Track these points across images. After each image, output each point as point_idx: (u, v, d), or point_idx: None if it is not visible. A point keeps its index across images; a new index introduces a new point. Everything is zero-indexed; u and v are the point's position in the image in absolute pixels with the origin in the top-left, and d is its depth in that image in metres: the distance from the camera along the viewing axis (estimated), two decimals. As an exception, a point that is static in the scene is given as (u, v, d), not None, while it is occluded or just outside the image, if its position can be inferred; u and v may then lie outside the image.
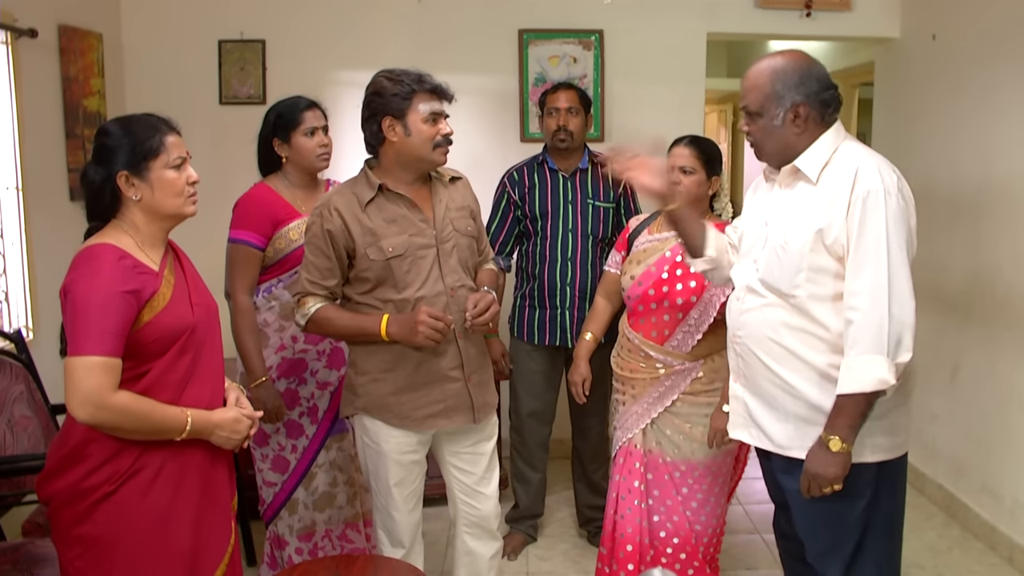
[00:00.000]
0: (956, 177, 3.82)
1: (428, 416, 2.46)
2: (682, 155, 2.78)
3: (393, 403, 2.44)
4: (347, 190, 2.45)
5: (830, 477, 2.04)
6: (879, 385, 1.98)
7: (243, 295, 2.75)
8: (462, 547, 2.66)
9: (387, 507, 2.52)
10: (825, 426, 2.06)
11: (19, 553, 2.41)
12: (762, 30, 4.49)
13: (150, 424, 1.88)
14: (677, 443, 2.79)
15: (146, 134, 1.93)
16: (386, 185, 2.41)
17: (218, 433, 2.00)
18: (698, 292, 2.72)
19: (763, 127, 2.15)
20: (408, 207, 2.43)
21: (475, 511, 2.62)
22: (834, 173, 2.09)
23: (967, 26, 3.78)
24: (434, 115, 2.37)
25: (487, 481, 2.63)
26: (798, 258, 2.08)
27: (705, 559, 2.86)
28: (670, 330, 2.76)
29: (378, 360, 2.44)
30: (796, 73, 2.10)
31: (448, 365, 2.45)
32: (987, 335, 3.63)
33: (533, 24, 4.32)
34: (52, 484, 1.92)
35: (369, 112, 2.41)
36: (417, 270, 2.40)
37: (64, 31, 3.58)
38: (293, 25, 4.24)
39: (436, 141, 2.38)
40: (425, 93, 2.36)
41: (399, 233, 2.39)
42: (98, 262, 1.85)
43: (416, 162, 2.42)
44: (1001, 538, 3.52)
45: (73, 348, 1.80)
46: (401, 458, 2.48)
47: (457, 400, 2.48)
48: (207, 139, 4.09)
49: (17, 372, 2.83)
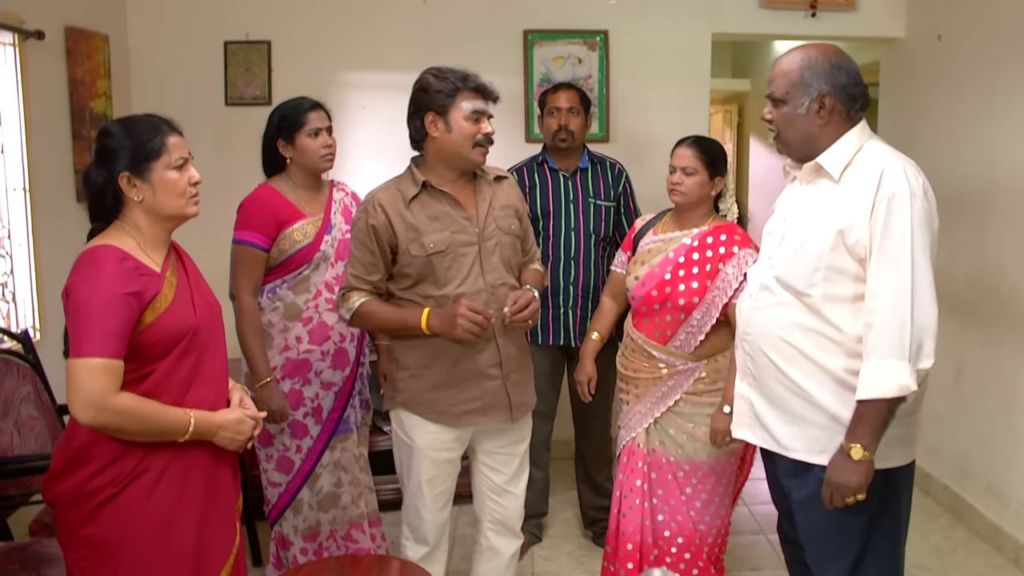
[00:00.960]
0: (961, 177, 3.82)
1: (465, 413, 2.47)
2: (684, 156, 2.79)
3: (430, 399, 2.46)
4: (392, 186, 2.47)
5: (853, 486, 1.99)
6: (901, 391, 1.94)
7: (247, 296, 2.76)
8: (485, 543, 2.68)
9: (415, 504, 2.53)
10: (846, 434, 2.01)
11: (26, 553, 2.42)
12: (767, 30, 4.49)
13: (152, 425, 1.88)
14: (680, 443, 2.79)
15: (148, 135, 1.93)
16: (430, 182, 2.43)
17: (221, 434, 2.00)
18: (701, 293, 2.72)
19: (786, 115, 2.13)
20: (451, 204, 2.45)
21: (502, 509, 2.64)
22: (858, 172, 2.06)
23: (972, 26, 3.77)
24: (476, 113, 2.39)
25: (517, 481, 2.65)
26: (816, 257, 2.06)
27: (710, 559, 2.86)
28: (673, 330, 2.77)
29: (417, 356, 2.46)
30: (827, 63, 2.08)
31: (487, 363, 2.46)
32: (991, 335, 3.62)
33: (538, 25, 4.33)
34: (57, 486, 1.93)
35: (414, 108, 2.44)
36: (458, 267, 2.41)
37: (71, 33, 3.59)
38: (298, 26, 4.25)
39: (476, 140, 2.40)
40: (469, 91, 2.38)
41: (441, 230, 2.41)
42: (100, 264, 1.85)
43: (456, 159, 2.43)
44: (1007, 539, 3.51)
45: (75, 350, 1.80)
46: (435, 455, 2.50)
47: (495, 398, 2.49)
48: (212, 140, 4.10)
49: (24, 373, 2.84)
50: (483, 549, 2.69)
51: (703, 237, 2.77)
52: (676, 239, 2.80)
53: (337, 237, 2.84)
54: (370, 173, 3.71)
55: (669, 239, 2.83)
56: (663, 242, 2.84)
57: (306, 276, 2.80)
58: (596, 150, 3.59)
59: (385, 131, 4.20)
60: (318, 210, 2.84)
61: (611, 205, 3.44)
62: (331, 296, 2.82)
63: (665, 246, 2.82)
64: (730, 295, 2.67)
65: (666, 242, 2.83)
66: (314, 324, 2.82)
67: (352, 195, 2.99)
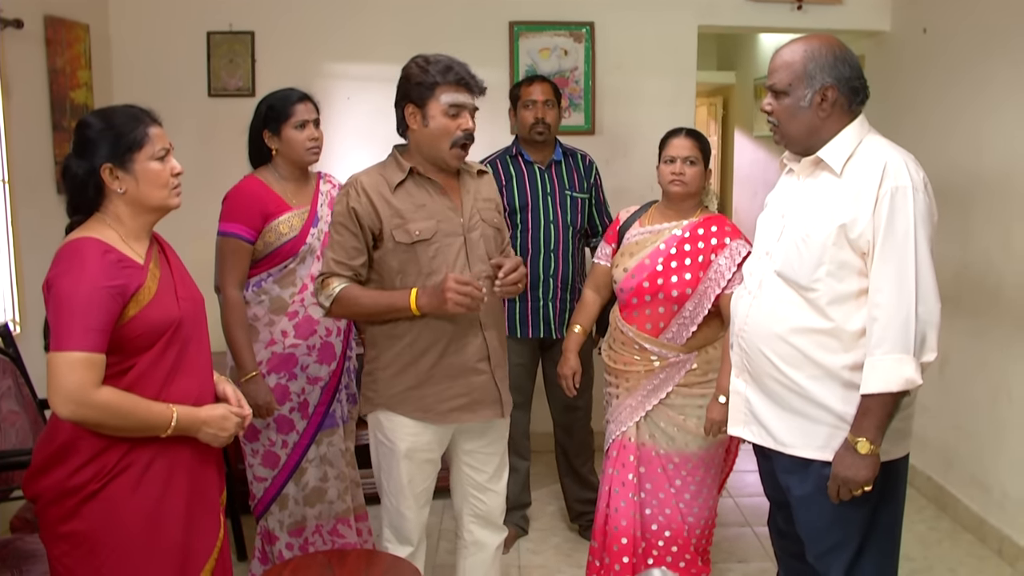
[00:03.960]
0: (946, 170, 3.82)
1: (452, 410, 2.42)
2: (685, 146, 2.79)
3: (415, 396, 2.41)
4: (375, 172, 2.42)
5: (861, 480, 1.99)
6: (906, 385, 1.94)
7: (233, 289, 2.73)
8: (469, 537, 2.65)
9: (398, 506, 2.50)
10: (852, 428, 2.01)
11: (7, 550, 2.39)
12: (753, 23, 4.50)
13: (134, 421, 1.86)
14: (671, 435, 2.79)
15: (129, 126, 1.90)
16: (417, 169, 2.39)
17: (205, 430, 1.97)
18: (693, 284, 2.71)
19: (788, 107, 2.11)
20: (438, 193, 2.40)
21: (483, 505, 2.62)
22: (860, 166, 2.05)
23: (958, 20, 3.78)
24: (456, 107, 2.32)
25: (498, 478, 2.62)
26: (820, 251, 2.04)
27: (697, 551, 2.87)
28: (665, 322, 2.76)
29: (401, 351, 2.39)
30: (830, 55, 2.07)
31: (474, 357, 2.42)
32: (977, 327, 3.64)
33: (523, 16, 4.31)
34: (39, 482, 1.90)
35: (397, 96, 2.40)
36: (443, 257, 2.37)
37: (50, 22, 3.54)
38: (282, 17, 4.22)
39: (455, 137, 2.33)
40: (450, 84, 2.31)
41: (427, 218, 2.36)
42: (82, 256, 1.82)
43: (432, 156, 2.38)
44: (991, 530, 3.54)
45: (56, 343, 1.78)
46: (416, 456, 2.46)
47: (483, 393, 2.45)
48: (196, 131, 4.07)
49: (4, 367, 2.80)
50: (467, 543, 2.67)
51: (694, 228, 2.77)
52: (666, 230, 2.80)
53: (323, 230, 2.80)
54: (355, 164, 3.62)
55: (658, 231, 2.82)
56: (652, 234, 2.83)
57: (292, 269, 2.78)
58: (567, 143, 3.59)
59: (370, 122, 4.18)
60: (304, 202, 2.82)
61: (585, 197, 3.47)
62: (317, 290, 2.80)
63: (655, 238, 2.82)
64: (723, 286, 2.67)
65: (655, 234, 2.82)
66: (300, 318, 2.79)
67: (339, 187, 2.96)
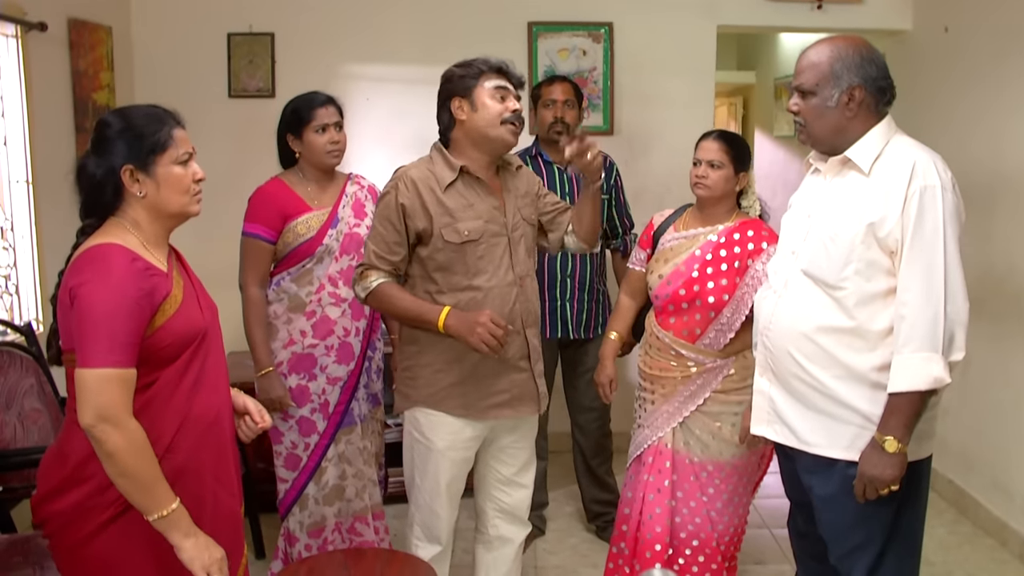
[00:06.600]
0: (968, 171, 3.78)
1: (492, 406, 2.43)
2: (710, 149, 2.71)
3: (458, 392, 2.41)
4: (423, 166, 2.42)
5: (887, 479, 1.98)
6: (934, 384, 1.94)
7: (254, 287, 2.79)
8: (493, 532, 2.65)
9: (431, 504, 2.50)
10: (879, 427, 2.00)
11: (29, 546, 2.42)
12: (772, 23, 4.47)
13: (140, 481, 1.70)
14: (706, 443, 2.71)
15: (153, 127, 1.80)
16: (467, 168, 2.39)
17: (187, 549, 1.75)
18: (730, 290, 2.64)
19: (815, 107, 2.10)
20: (486, 192, 2.41)
21: (509, 499, 2.62)
22: (888, 166, 2.04)
23: (980, 19, 3.75)
24: (501, 90, 2.37)
25: (526, 472, 2.63)
26: (848, 250, 2.03)
27: (724, 558, 2.79)
28: (702, 329, 2.69)
29: (444, 349, 2.39)
30: (857, 56, 2.06)
31: (516, 355, 2.44)
32: (999, 330, 3.60)
33: (542, 17, 4.31)
34: (52, 505, 1.78)
35: (440, 100, 2.42)
36: (490, 257, 2.37)
37: (74, 25, 3.58)
38: (302, 18, 4.24)
39: (504, 116, 2.36)
40: (492, 71, 2.39)
41: (475, 218, 2.37)
42: (108, 264, 1.71)
43: (485, 141, 2.38)
44: (1012, 534, 3.50)
45: (85, 359, 1.66)
46: (454, 455, 2.46)
47: (523, 390, 2.47)
48: (216, 132, 4.08)
49: (28, 365, 2.84)
50: (491, 538, 2.66)
51: (730, 233, 2.70)
52: (701, 235, 2.73)
53: (343, 231, 2.83)
54: (373, 165, 3.70)
55: (693, 235, 2.75)
56: (687, 239, 2.76)
57: (309, 269, 2.80)
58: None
59: (389, 123, 4.19)
60: (327, 203, 2.84)
61: (605, 198, 3.43)
62: (334, 290, 2.82)
63: (690, 243, 2.74)
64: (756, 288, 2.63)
65: (690, 239, 2.75)
66: (317, 318, 2.82)
67: (369, 188, 2.97)
